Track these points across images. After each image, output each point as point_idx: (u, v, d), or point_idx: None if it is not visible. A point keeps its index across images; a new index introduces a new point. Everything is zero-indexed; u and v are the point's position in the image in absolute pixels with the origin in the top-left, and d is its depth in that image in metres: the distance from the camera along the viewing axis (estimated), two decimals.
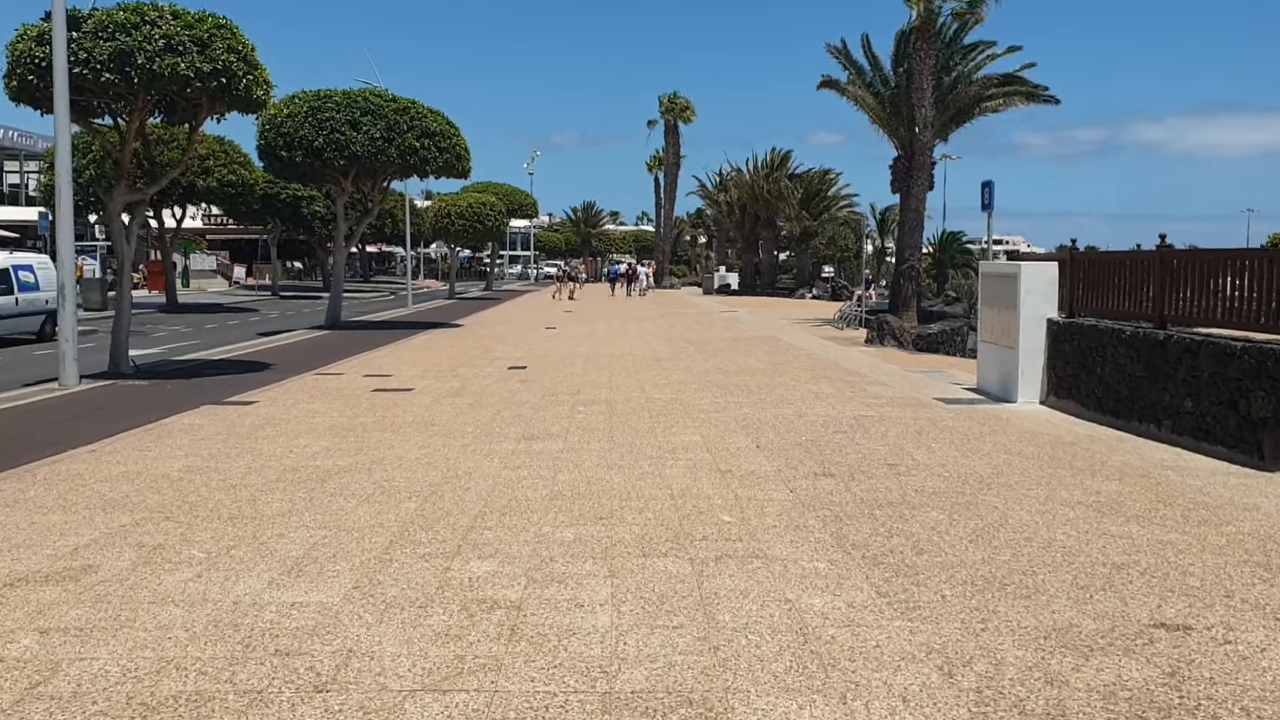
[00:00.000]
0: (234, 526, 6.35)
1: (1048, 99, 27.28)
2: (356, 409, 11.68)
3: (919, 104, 24.76)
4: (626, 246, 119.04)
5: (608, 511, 6.69)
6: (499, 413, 11.35)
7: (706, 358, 18.13)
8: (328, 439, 9.65)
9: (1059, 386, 11.91)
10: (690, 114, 69.55)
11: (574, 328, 26.75)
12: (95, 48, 13.93)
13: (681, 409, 11.66)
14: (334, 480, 7.76)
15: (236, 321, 31.87)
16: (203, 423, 10.71)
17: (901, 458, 8.68)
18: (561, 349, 20.03)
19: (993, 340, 13.18)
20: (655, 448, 9.12)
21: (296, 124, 25.01)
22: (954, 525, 6.37)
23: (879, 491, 7.32)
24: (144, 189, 16.12)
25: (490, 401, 12.32)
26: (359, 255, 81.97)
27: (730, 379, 14.74)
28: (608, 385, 14.02)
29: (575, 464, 8.35)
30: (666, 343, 21.72)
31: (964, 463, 8.48)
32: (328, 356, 18.45)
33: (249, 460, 8.58)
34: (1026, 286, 12.23)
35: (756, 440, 9.52)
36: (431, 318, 32.64)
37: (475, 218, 48.74)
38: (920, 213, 25.38)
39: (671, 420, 10.79)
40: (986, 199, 16.24)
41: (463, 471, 8.06)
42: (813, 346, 20.87)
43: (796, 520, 6.47)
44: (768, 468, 8.19)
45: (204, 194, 35.58)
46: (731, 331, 25.34)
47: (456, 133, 26.86)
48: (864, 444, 9.34)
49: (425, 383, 14.32)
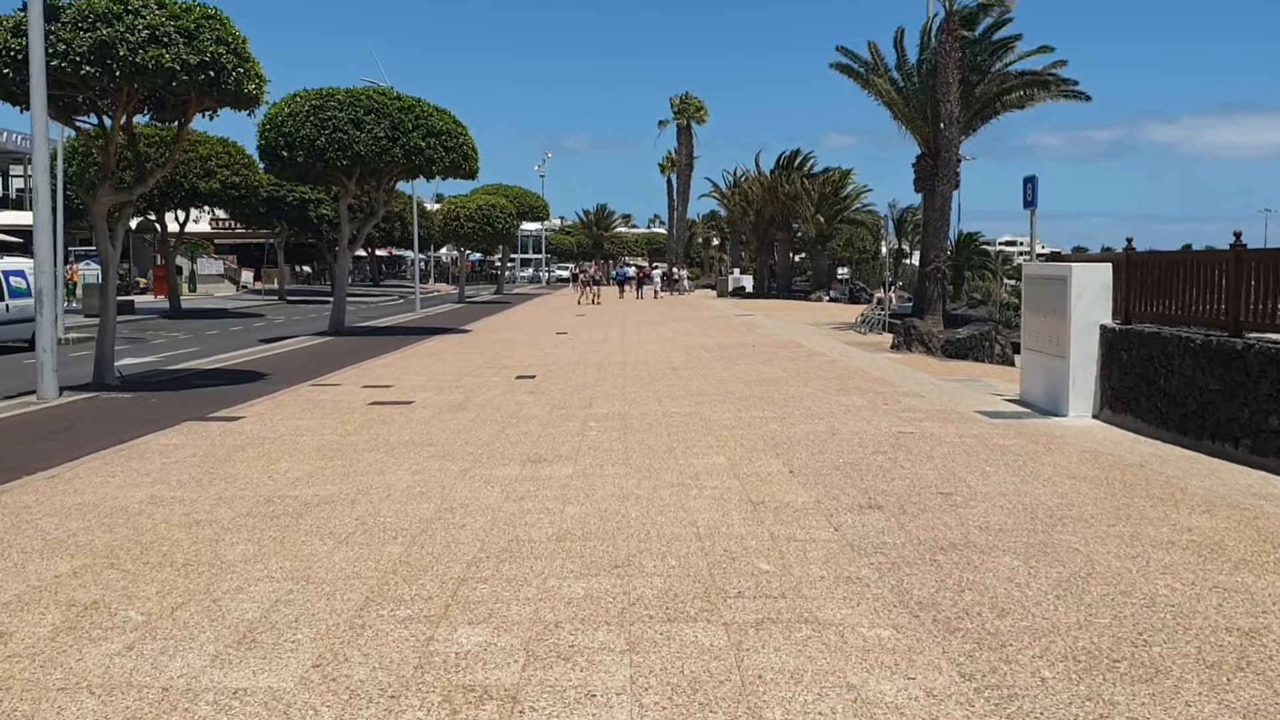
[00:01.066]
0: (186, 577, 5.42)
1: (1076, 94, 26.21)
2: (349, 425, 10.75)
3: (944, 99, 23.74)
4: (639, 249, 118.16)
5: (624, 557, 5.72)
6: (503, 430, 10.40)
7: (725, 366, 17.16)
8: (313, 462, 8.72)
9: (1114, 399, 10.89)
10: (703, 114, 68.67)
11: (586, 333, 25.81)
12: (75, 39, 13.05)
13: (702, 425, 10.69)
14: (312, 514, 6.82)
15: (240, 327, 31.05)
16: (180, 442, 9.80)
17: (954, 484, 7.69)
18: (573, 356, 19.09)
19: (1038, 348, 12.17)
20: (676, 473, 8.16)
21: (298, 123, 24.14)
22: (1034, 575, 5.38)
23: (937, 529, 6.33)
24: (130, 189, 15.25)
25: (495, 416, 11.38)
26: (368, 259, 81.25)
27: (753, 390, 13.77)
28: (621, 397, 13.07)
29: (586, 493, 7.39)
30: (683, 349, 20.75)
31: (1026, 490, 7.49)
32: (327, 365, 17.56)
33: (221, 488, 7.65)
34: (1078, 290, 11.21)
35: (788, 463, 8.54)
36: (439, 323, 31.76)
37: (485, 220, 47.85)
38: (946, 212, 24.36)
39: (692, 439, 9.83)
40: (1029, 195, 15.21)
41: (459, 503, 7.11)
42: (836, 353, 19.86)
43: (847, 569, 5.49)
44: (805, 498, 7.21)
45: (207, 196, 34.74)
46: (750, 337, 24.35)
47: (464, 132, 25.96)
48: (909, 467, 8.35)
49: (426, 395, 13.39)
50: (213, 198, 35.10)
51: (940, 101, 23.78)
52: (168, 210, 35.76)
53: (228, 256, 60.22)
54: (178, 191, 33.92)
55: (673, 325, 29.36)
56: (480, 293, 61.52)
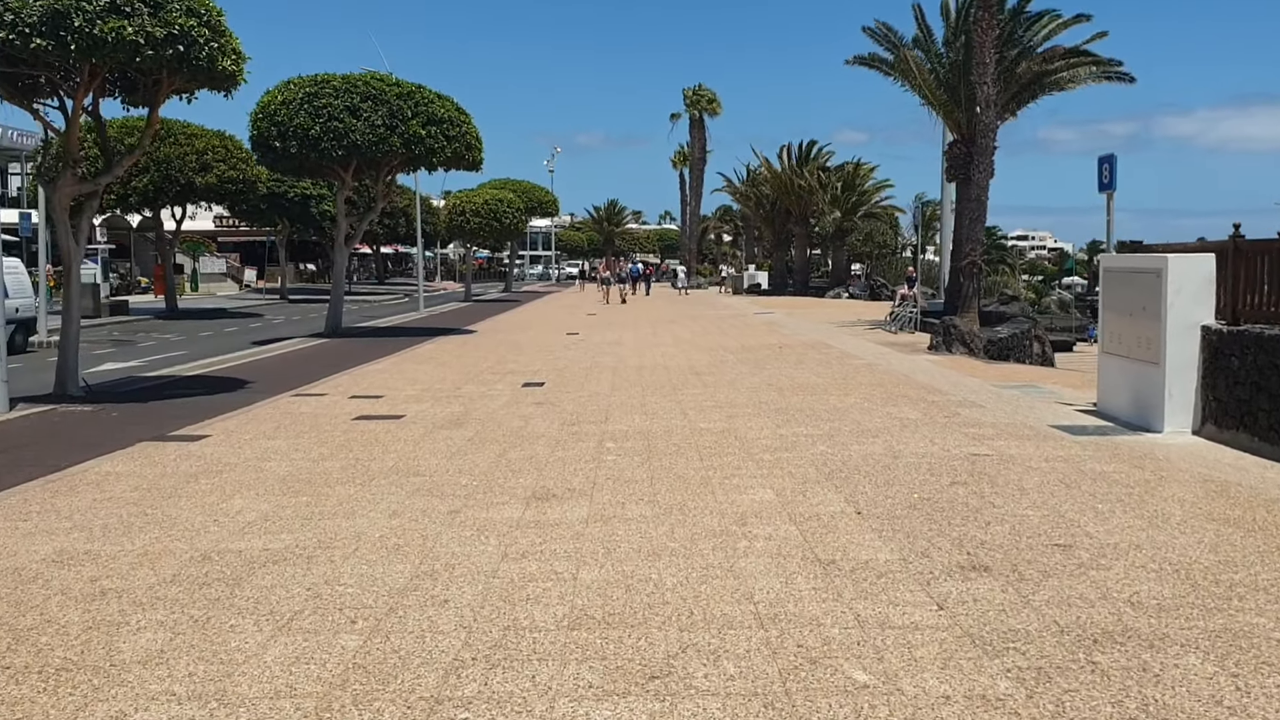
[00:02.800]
0: (52, 695, 3.89)
1: (1120, 75, 24.52)
2: (326, 447, 9.22)
3: (980, 80, 22.07)
4: (650, 246, 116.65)
5: (661, 660, 4.16)
6: (505, 453, 8.85)
7: (753, 370, 15.58)
8: (273, 498, 7.20)
9: (1221, 413, 9.28)
10: (716, 107, 66.96)
11: (598, 334, 24.26)
12: (23, 8, 11.53)
13: (738, 445, 9.13)
14: (255, 579, 5.29)
15: (235, 328, 29.62)
16: (124, 470, 8.29)
17: (1068, 531, 6.11)
18: (585, 360, 17.54)
19: (1122, 352, 10.56)
20: (716, 514, 6.60)
21: (291, 111, 22.64)
22: (1246, 692, 3.81)
23: (1075, 605, 4.76)
24: (94, 179, 13.75)
25: (496, 435, 9.83)
26: (374, 256, 79.93)
27: (789, 399, 12.19)
28: (641, 409, 11.51)
29: (606, 547, 5.84)
30: (704, 351, 19.18)
31: (1162, 540, 5.91)
32: (317, 371, 16.06)
33: (151, 539, 6.13)
34: (1175, 285, 9.60)
35: (852, 498, 6.98)
36: (443, 323, 30.26)
37: (492, 215, 46.25)
38: (983, 202, 22.69)
39: (729, 464, 8.26)
40: (1106, 177, 13.50)
41: (442, 564, 5.57)
42: (870, 354, 18.26)
43: (976, 680, 3.92)
44: (885, 553, 5.65)
45: (203, 192, 33.26)
46: (774, 337, 22.76)
47: (467, 120, 24.41)
48: (1001, 504, 6.78)
49: (421, 407, 11.86)
50: (209, 193, 33.65)
51: (976, 84, 22.11)
52: (163, 206, 34.33)
53: (230, 255, 58.91)
54: (173, 187, 32.53)
55: (690, 325, 27.80)
56: (488, 291, 60.05)
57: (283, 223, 46.92)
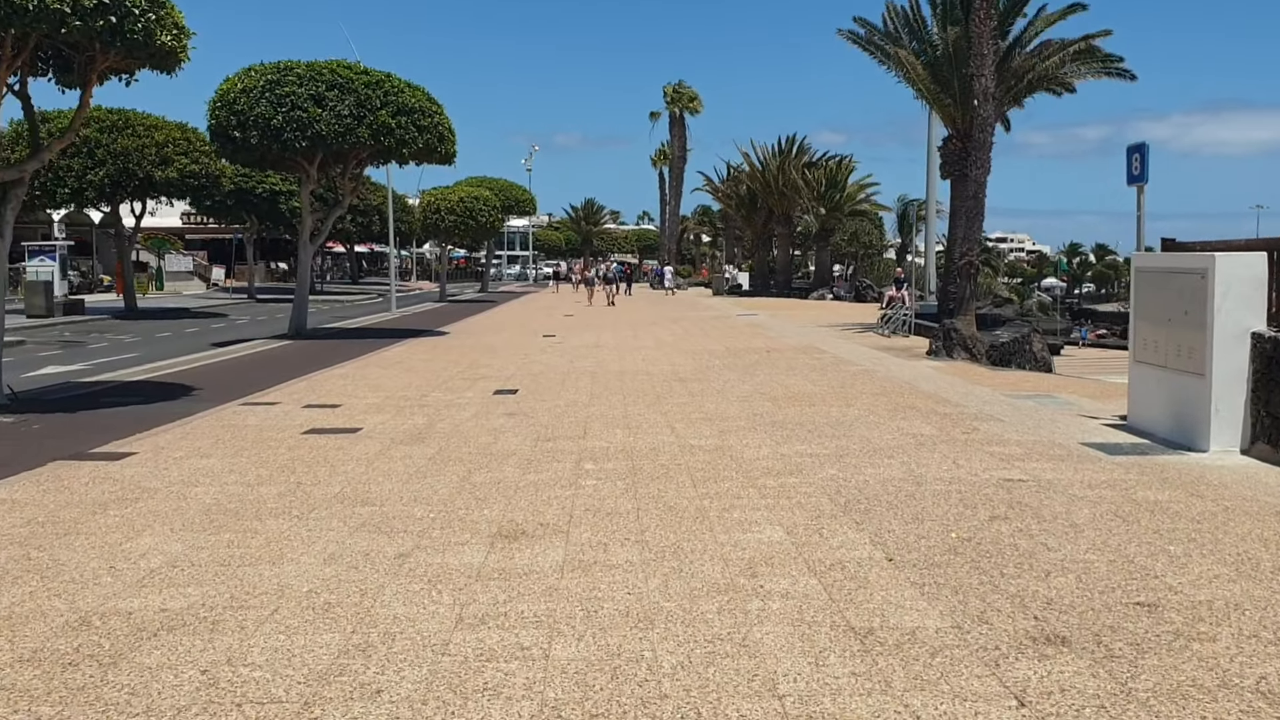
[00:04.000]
0: None
1: (1121, 72, 23.62)
2: (266, 468, 8.05)
3: (977, 73, 21.07)
4: (628, 246, 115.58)
5: None
6: (469, 476, 7.71)
7: (743, 376, 14.50)
8: (190, 535, 6.03)
9: (1275, 430, 8.28)
10: (697, 105, 65.96)
11: (576, 336, 23.11)
12: None
13: (735, 467, 8.03)
14: (137, 657, 4.14)
15: (196, 329, 28.28)
16: (23, 498, 7.09)
17: (1146, 584, 5.05)
18: (562, 364, 16.41)
19: (1158, 362, 9.54)
20: (718, 560, 5.49)
21: (251, 100, 21.34)
22: None
23: (1193, 700, 3.68)
24: (19, 166, 12.47)
25: (461, 453, 8.69)
26: (348, 255, 78.42)
27: (785, 411, 11.12)
28: (624, 422, 10.40)
29: (586, 609, 4.72)
30: (687, 355, 18.08)
31: (1262, 597, 4.86)
32: (273, 376, 14.84)
33: (24, 593, 4.96)
34: (1223, 287, 8.58)
35: (878, 538, 5.89)
36: (415, 324, 29.02)
37: (467, 213, 44.93)
38: (980, 200, 21.70)
39: (727, 491, 7.16)
40: (1137, 169, 12.39)
41: (381, 632, 4.43)
42: (867, 359, 17.22)
43: None
44: (934, 617, 4.56)
45: (163, 186, 31.75)
46: (760, 340, 21.70)
47: (439, 111, 23.18)
48: (1057, 547, 5.71)
49: (380, 419, 10.70)
50: (170, 188, 32.17)
51: (974, 75, 21.11)
52: (122, 201, 32.83)
53: (198, 252, 57.26)
54: (131, 181, 31.06)
55: (671, 327, 26.70)
56: (464, 291, 58.75)
57: (250, 220, 45.47)
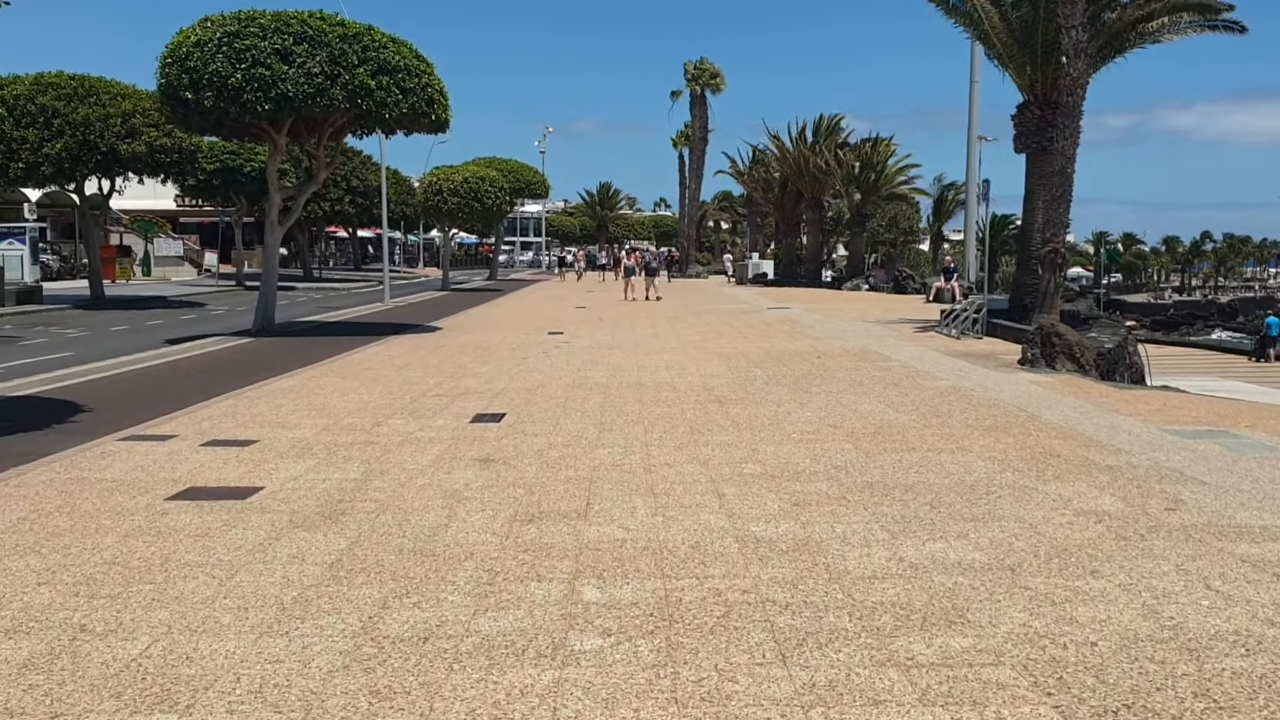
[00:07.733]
0: None
1: (1230, 24, 20.06)
2: (57, 585, 4.78)
3: (1067, 24, 17.57)
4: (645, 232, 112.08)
5: None
6: (382, 613, 4.40)
7: (797, 395, 11.15)
8: None
9: None
10: (719, 83, 62.22)
11: (587, 334, 19.78)
12: None
13: (843, 603, 4.70)
14: None
15: (161, 321, 25.11)
16: None
17: None
18: (567, 373, 13.09)
19: None
20: None
21: (206, 55, 18.07)
22: None
23: None
24: None
25: (384, 555, 5.39)
26: (351, 240, 75.31)
27: (876, 460, 7.77)
28: (646, 481, 7.08)
29: None
30: (720, 360, 14.73)
31: None
32: (197, 391, 11.61)
33: None
34: None
35: None
36: (405, 317, 25.75)
37: (472, 195, 41.47)
38: (1068, 175, 18.22)
39: (846, 680, 3.84)
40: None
41: None
42: (948, 371, 13.81)
43: None
44: None
45: (129, 161, 28.52)
46: (802, 340, 18.31)
47: (429, 70, 19.82)
48: None
49: (297, 469, 7.42)
50: (137, 163, 28.93)
51: (1062, 27, 17.62)
52: (85, 178, 29.63)
53: (189, 236, 54.17)
54: (92, 155, 27.85)
55: (694, 322, 23.30)
56: (472, 279, 55.44)
57: (239, 201, 42.25)
